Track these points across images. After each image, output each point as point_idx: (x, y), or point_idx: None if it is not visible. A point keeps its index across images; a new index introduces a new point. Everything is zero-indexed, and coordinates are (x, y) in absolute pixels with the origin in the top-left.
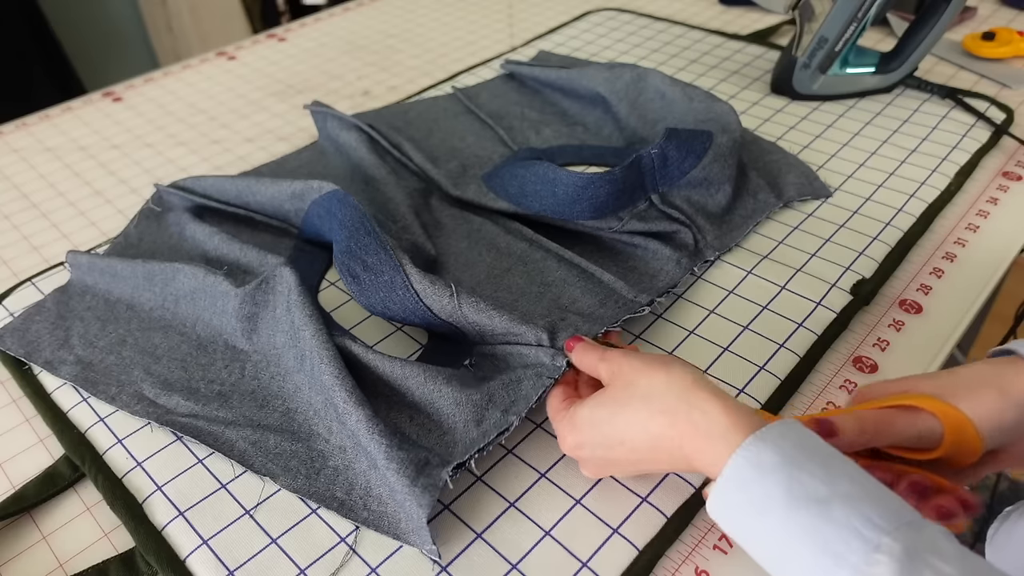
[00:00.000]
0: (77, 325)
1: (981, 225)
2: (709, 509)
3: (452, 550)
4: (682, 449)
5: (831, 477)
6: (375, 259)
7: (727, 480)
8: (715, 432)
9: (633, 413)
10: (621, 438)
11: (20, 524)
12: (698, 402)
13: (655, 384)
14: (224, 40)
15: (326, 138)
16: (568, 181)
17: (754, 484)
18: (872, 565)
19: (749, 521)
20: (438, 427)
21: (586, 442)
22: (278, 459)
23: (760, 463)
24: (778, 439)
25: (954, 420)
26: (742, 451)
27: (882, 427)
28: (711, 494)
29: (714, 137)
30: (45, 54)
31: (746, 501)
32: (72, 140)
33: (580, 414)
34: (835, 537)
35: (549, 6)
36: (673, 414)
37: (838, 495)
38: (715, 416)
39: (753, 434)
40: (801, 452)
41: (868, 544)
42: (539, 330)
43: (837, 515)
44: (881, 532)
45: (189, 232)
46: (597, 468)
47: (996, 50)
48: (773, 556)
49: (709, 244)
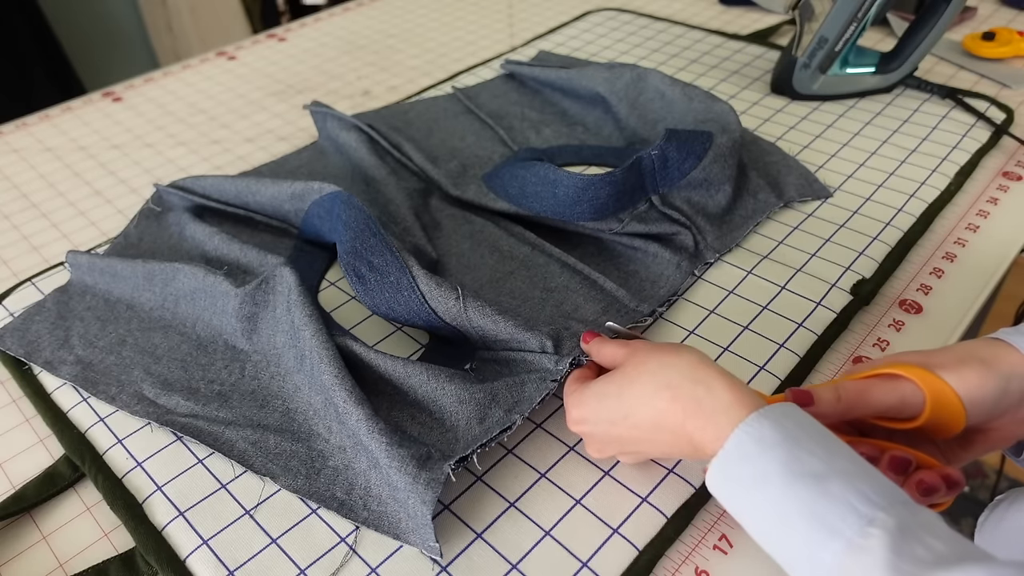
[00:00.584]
0: (77, 325)
1: (981, 225)
2: (708, 482)
3: (452, 550)
4: (684, 426)
5: (829, 455)
6: (381, 260)
7: (728, 453)
8: (718, 408)
9: (640, 387)
10: (625, 412)
11: (20, 524)
12: (703, 378)
13: (664, 362)
14: (224, 40)
15: (326, 138)
16: (568, 182)
17: (754, 458)
18: (866, 537)
19: (747, 494)
20: (440, 424)
21: (590, 416)
22: (278, 459)
23: (762, 438)
24: (780, 417)
25: (935, 387)
26: (745, 426)
27: (861, 396)
28: (711, 467)
29: (714, 138)
30: (45, 54)
31: (745, 475)
32: (72, 140)
33: (590, 389)
34: (831, 511)
35: (549, 6)
36: (677, 388)
37: (835, 471)
38: (719, 392)
39: (756, 411)
40: (802, 431)
41: (863, 518)
42: (543, 337)
43: (834, 490)
44: (876, 507)
45: (189, 232)
46: (600, 445)
47: (996, 50)
48: (769, 528)
49: (709, 245)
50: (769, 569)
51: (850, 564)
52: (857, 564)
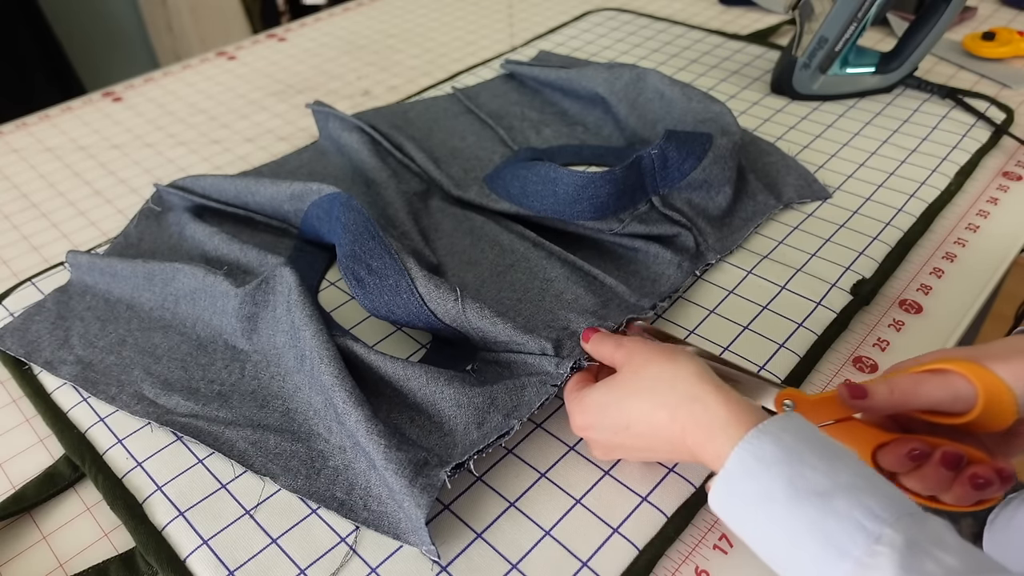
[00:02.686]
0: (77, 325)
1: (981, 225)
2: (711, 502)
3: (452, 550)
4: (684, 442)
5: (832, 469)
6: (380, 263)
7: (729, 473)
8: (715, 425)
9: (638, 402)
10: (626, 423)
11: (20, 524)
12: (700, 395)
13: (661, 375)
14: (224, 40)
15: (327, 138)
16: (569, 180)
17: (756, 478)
18: (874, 556)
19: (751, 514)
20: (439, 428)
21: (593, 424)
22: (278, 459)
23: (762, 456)
24: (779, 432)
25: (987, 381)
26: (744, 444)
27: (913, 389)
28: (713, 487)
29: (714, 139)
30: (45, 54)
31: (748, 494)
32: (72, 140)
33: (591, 397)
34: (837, 529)
35: (549, 6)
36: (674, 408)
37: (840, 487)
38: (715, 410)
39: (755, 427)
40: (802, 445)
41: (870, 536)
42: (543, 340)
43: (839, 507)
44: (883, 523)
45: (189, 232)
46: (605, 450)
47: (996, 50)
48: (776, 549)
49: (711, 247)
50: (769, 569)
51: None
52: None
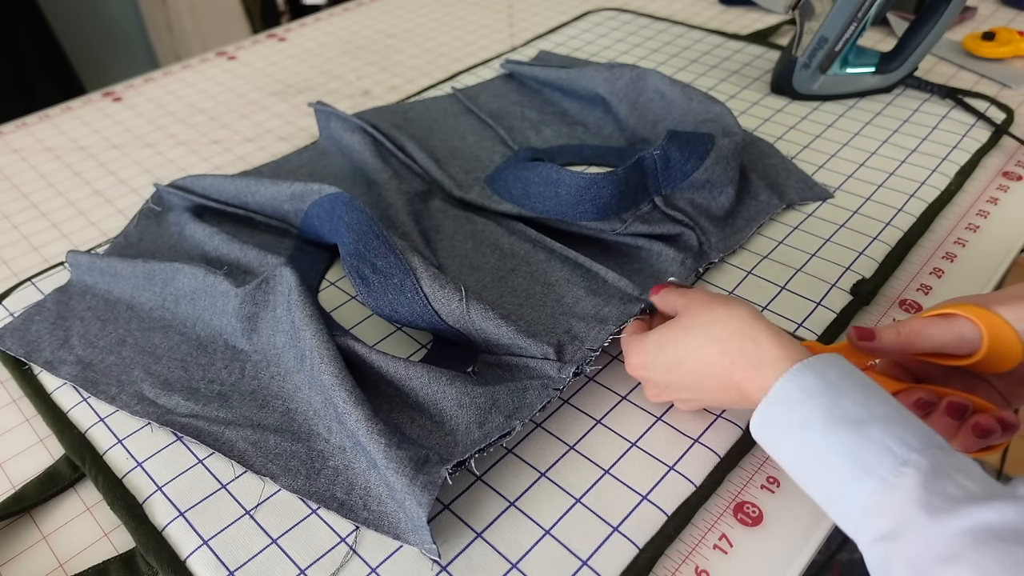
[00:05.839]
0: (77, 325)
1: (981, 225)
2: (752, 426)
3: (452, 550)
4: (732, 376)
5: (870, 402)
6: (384, 262)
7: (772, 402)
8: (764, 360)
9: (692, 339)
10: (679, 360)
11: (20, 524)
12: (751, 332)
13: (715, 316)
14: (224, 40)
15: (328, 138)
16: (571, 181)
17: (797, 406)
18: (899, 476)
19: (789, 436)
20: (440, 427)
21: (648, 363)
22: (278, 459)
23: (805, 386)
24: (824, 368)
25: (991, 323)
26: (789, 375)
27: (920, 331)
28: (756, 413)
29: (716, 139)
30: (45, 54)
31: (789, 420)
32: (72, 140)
33: (649, 338)
34: (867, 452)
35: (549, 6)
36: (725, 342)
37: (875, 417)
38: (765, 345)
39: (801, 362)
40: (844, 380)
41: (897, 459)
42: (546, 345)
43: (872, 433)
44: (911, 450)
45: (189, 232)
46: (657, 389)
47: (996, 50)
48: (807, 468)
49: (713, 246)
50: (769, 569)
51: (883, 500)
52: (890, 500)
